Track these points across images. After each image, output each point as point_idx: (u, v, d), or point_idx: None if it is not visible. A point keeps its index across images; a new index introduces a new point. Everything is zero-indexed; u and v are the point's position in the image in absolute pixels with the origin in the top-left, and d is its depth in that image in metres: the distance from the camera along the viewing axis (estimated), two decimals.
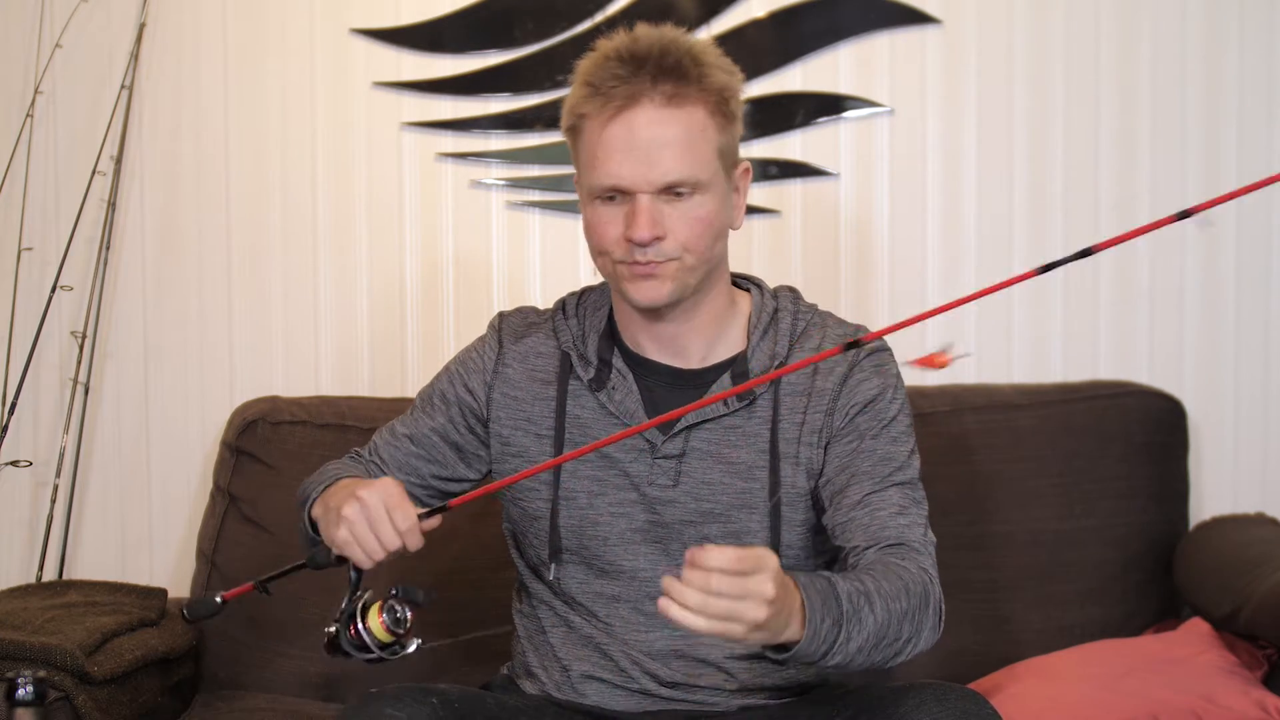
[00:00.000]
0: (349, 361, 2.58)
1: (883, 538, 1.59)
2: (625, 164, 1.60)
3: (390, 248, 2.57)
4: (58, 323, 2.55)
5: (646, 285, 1.63)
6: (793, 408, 1.68)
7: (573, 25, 2.53)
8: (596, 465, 1.69)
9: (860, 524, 1.62)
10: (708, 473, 1.67)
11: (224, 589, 2.31)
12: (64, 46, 2.52)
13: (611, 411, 1.69)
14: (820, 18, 2.53)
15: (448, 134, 2.57)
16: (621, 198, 1.62)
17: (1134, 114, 2.53)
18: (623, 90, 1.59)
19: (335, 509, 1.56)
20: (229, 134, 2.58)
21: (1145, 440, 2.33)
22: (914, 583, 1.53)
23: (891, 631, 1.49)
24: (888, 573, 1.53)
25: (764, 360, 1.70)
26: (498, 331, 1.80)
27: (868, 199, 2.54)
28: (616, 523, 1.69)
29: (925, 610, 1.54)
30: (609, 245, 1.63)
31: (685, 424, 1.67)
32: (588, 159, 1.63)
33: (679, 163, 1.60)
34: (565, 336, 1.75)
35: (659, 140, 1.59)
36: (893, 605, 1.49)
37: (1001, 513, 2.29)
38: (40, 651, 1.91)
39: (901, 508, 1.63)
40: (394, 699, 1.54)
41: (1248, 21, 2.53)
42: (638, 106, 1.59)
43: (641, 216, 1.60)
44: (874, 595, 1.48)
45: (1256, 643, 2.10)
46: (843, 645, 1.45)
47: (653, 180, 1.60)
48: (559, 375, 1.73)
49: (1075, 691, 1.99)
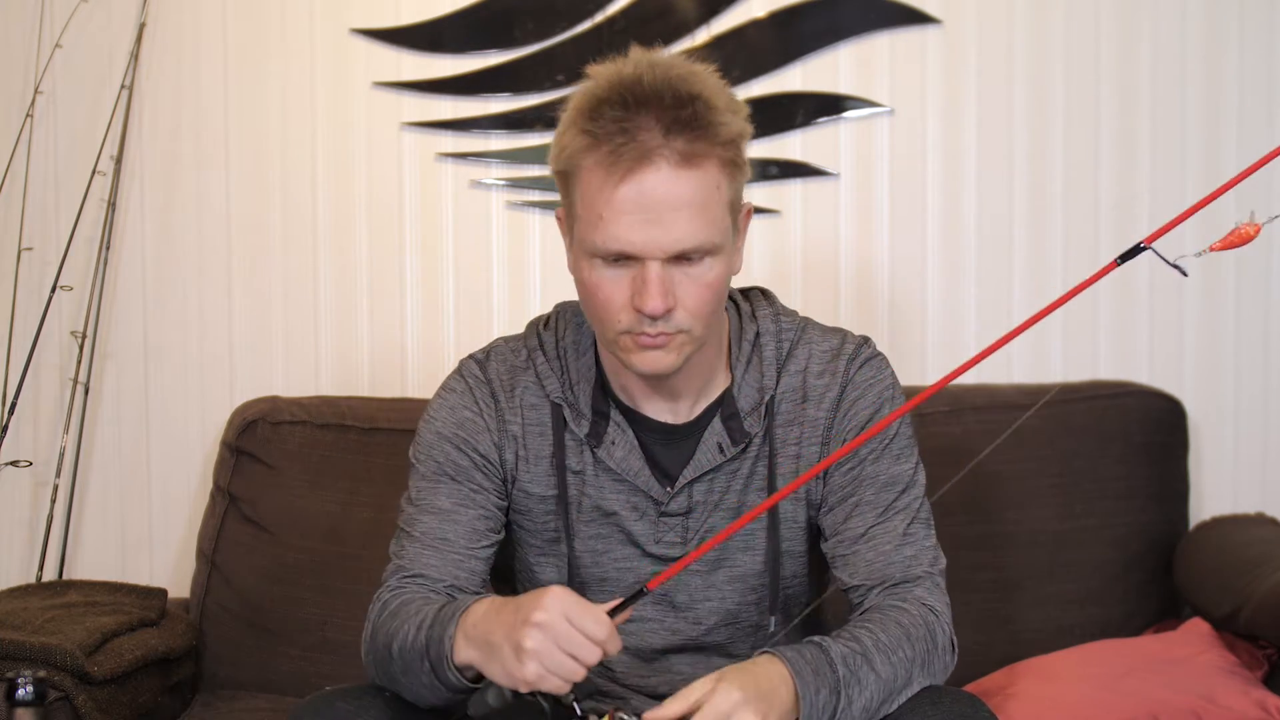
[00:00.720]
0: (349, 361, 2.58)
1: (887, 575, 1.56)
2: (635, 228, 1.46)
3: (390, 248, 2.57)
4: (58, 323, 2.55)
5: (652, 356, 1.51)
6: (785, 440, 1.62)
7: (573, 25, 2.53)
8: (599, 523, 1.63)
9: (864, 560, 1.58)
10: (716, 525, 1.61)
11: (224, 589, 2.32)
12: (64, 46, 2.52)
13: (611, 468, 1.61)
14: (820, 18, 2.53)
15: (448, 134, 2.57)
16: (627, 261, 1.48)
17: (1134, 114, 2.53)
18: (632, 150, 1.44)
19: (508, 644, 1.37)
20: (229, 134, 2.58)
21: (1145, 440, 2.33)
22: (915, 626, 1.51)
23: (899, 682, 1.48)
24: (885, 622, 1.50)
25: (752, 395, 1.62)
26: (487, 385, 1.65)
27: (868, 199, 2.54)
28: (624, 577, 1.63)
29: (934, 651, 1.52)
30: (613, 313, 1.50)
31: (686, 479, 1.61)
32: (588, 215, 1.49)
33: (693, 227, 1.46)
34: (552, 385, 1.63)
35: (672, 204, 1.46)
36: (894, 656, 1.47)
37: (1001, 513, 2.29)
38: (40, 651, 1.91)
39: (906, 536, 1.58)
40: (344, 694, 1.52)
41: (1248, 21, 2.53)
42: (649, 167, 1.45)
43: (653, 286, 1.46)
44: (872, 652, 1.46)
45: (1256, 643, 2.10)
46: (845, 710, 1.43)
47: (666, 248, 1.46)
48: (554, 427, 1.62)
49: (1075, 691, 1.99)
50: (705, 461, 1.61)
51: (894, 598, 1.55)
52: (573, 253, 1.55)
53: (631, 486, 1.61)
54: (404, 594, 1.57)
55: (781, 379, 1.63)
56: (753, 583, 1.64)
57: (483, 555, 1.62)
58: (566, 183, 1.53)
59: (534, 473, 1.63)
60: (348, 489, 2.32)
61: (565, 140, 1.51)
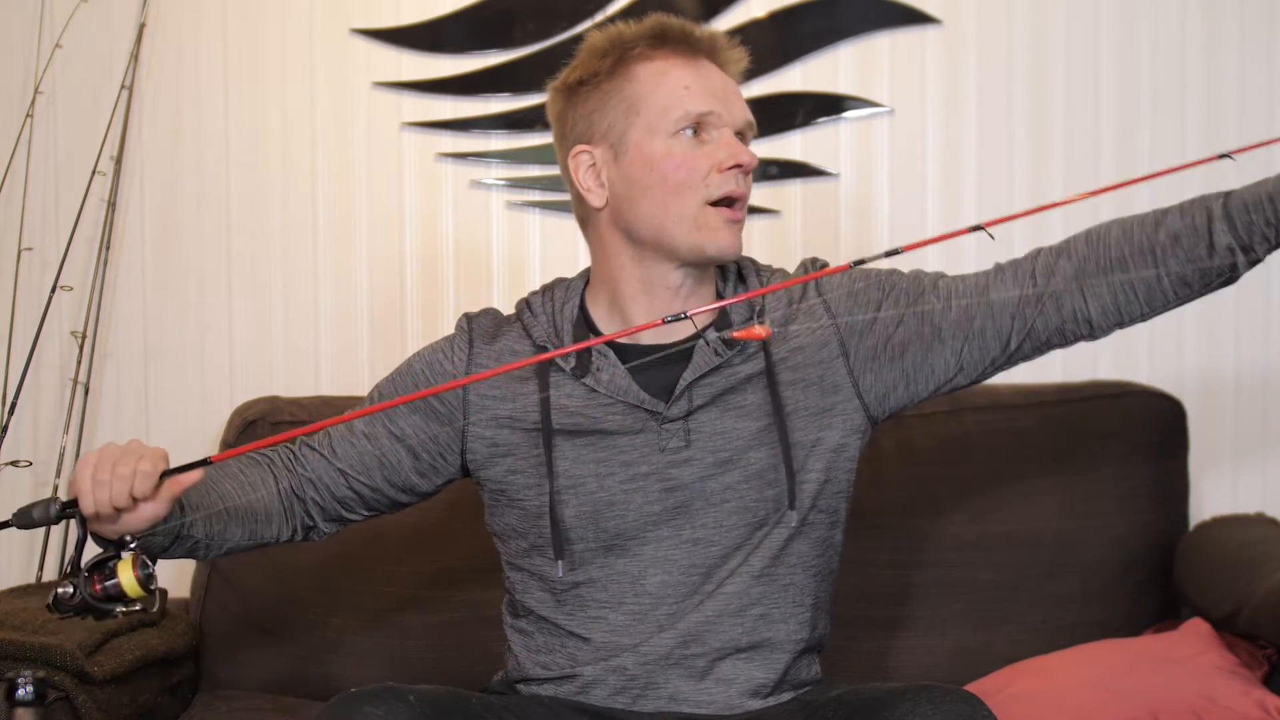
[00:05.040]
0: (349, 361, 2.58)
1: (1019, 267, 1.69)
2: (713, 95, 1.65)
3: (390, 248, 2.57)
4: (58, 323, 2.56)
5: (731, 231, 1.66)
6: (782, 337, 1.70)
7: (573, 25, 2.54)
8: (597, 448, 1.67)
9: (1001, 283, 1.68)
10: (718, 422, 1.67)
11: (224, 589, 2.32)
12: (64, 46, 2.52)
13: (601, 392, 1.68)
14: (820, 18, 2.53)
15: (448, 134, 2.57)
16: (701, 135, 1.65)
17: (1134, 114, 2.53)
18: (681, 41, 1.66)
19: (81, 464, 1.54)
20: (229, 134, 2.58)
21: (1145, 440, 2.33)
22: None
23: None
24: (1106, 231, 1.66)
25: (743, 311, 1.71)
26: (468, 334, 1.76)
27: (868, 199, 2.54)
28: (632, 498, 1.67)
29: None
30: (700, 178, 1.64)
31: (685, 384, 1.67)
32: (667, 91, 1.65)
33: (746, 109, 1.69)
34: (538, 333, 1.73)
35: (730, 87, 1.68)
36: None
37: (1001, 513, 2.29)
38: (40, 651, 1.91)
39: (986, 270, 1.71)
40: (371, 697, 1.52)
41: (1248, 21, 2.53)
42: (700, 58, 1.67)
43: (741, 143, 1.66)
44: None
45: (1256, 643, 2.10)
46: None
47: (738, 114, 1.67)
48: (538, 369, 1.70)
49: (1075, 691, 1.99)
50: (703, 364, 1.67)
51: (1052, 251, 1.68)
52: (628, 156, 1.66)
53: (627, 406, 1.67)
54: (260, 460, 1.74)
55: (767, 296, 1.73)
56: (769, 477, 1.67)
57: (378, 475, 1.74)
58: (618, 85, 1.66)
59: (513, 409, 1.71)
60: None
61: (601, 46, 1.68)
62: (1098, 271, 1.63)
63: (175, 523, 1.60)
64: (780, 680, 1.69)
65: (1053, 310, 1.66)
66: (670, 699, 1.67)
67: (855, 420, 1.72)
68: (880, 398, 1.72)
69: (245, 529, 1.71)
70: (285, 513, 1.74)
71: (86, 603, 1.50)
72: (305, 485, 1.74)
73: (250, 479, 1.72)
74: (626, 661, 1.67)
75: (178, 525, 1.61)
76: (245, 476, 1.72)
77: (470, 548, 2.23)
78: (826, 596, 1.76)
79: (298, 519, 1.76)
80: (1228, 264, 1.60)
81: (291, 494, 1.74)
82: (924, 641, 2.25)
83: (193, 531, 1.64)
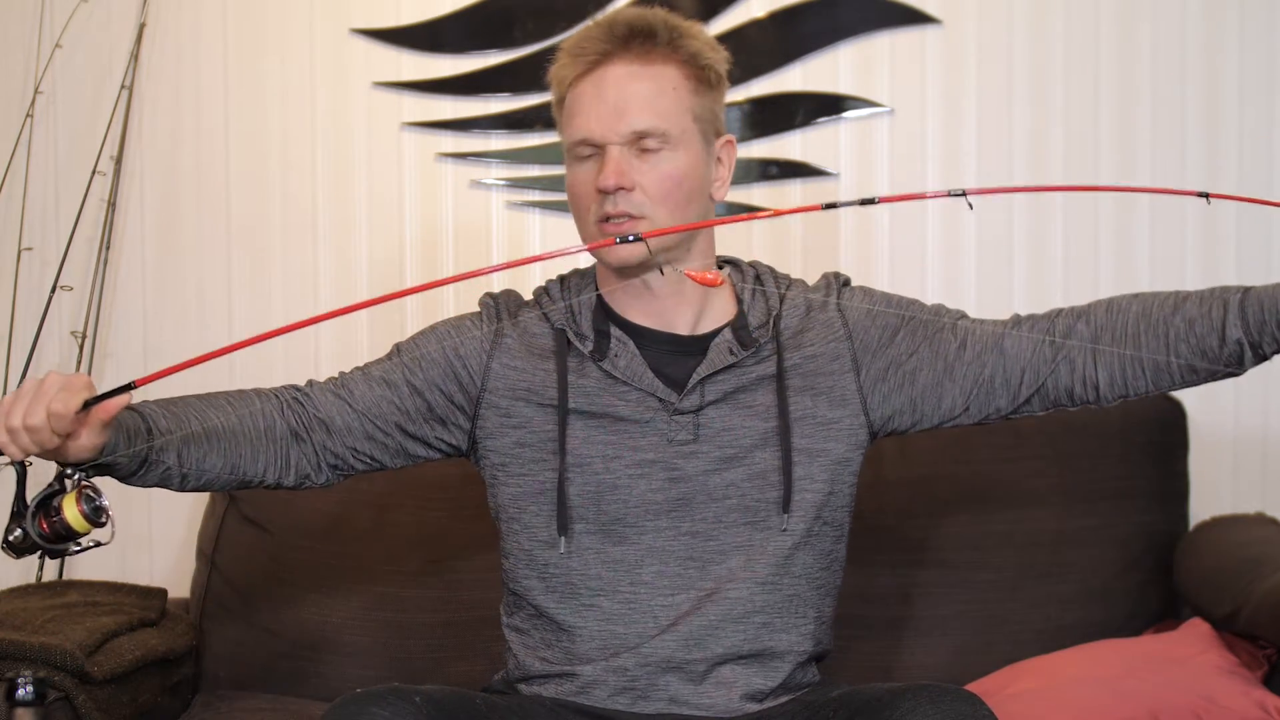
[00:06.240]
0: (349, 361, 2.56)
1: (1035, 321, 1.71)
2: (593, 116, 1.64)
3: (390, 248, 2.57)
4: (58, 323, 2.55)
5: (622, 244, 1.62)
6: (796, 345, 1.72)
7: (572, 25, 2.53)
8: (609, 430, 1.69)
9: (1014, 343, 1.69)
10: (726, 419, 1.68)
11: (224, 589, 2.32)
12: (64, 46, 2.52)
13: (617, 377, 1.69)
14: (820, 18, 2.53)
15: (448, 134, 2.57)
16: (596, 154, 1.65)
17: (1134, 114, 2.53)
18: (596, 48, 1.66)
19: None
20: (229, 134, 2.58)
21: (1145, 440, 2.33)
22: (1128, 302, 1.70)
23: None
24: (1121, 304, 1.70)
25: (760, 316, 1.73)
26: (494, 309, 1.78)
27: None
28: (636, 484, 1.68)
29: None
30: (585, 203, 1.66)
31: (698, 379, 1.69)
32: (565, 120, 1.68)
33: (645, 113, 1.63)
34: (556, 316, 1.74)
35: (627, 93, 1.64)
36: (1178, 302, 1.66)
37: (1001, 513, 2.29)
38: (40, 651, 1.90)
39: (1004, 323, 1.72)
40: (378, 698, 1.52)
41: (1248, 21, 2.53)
42: (609, 64, 1.65)
43: (609, 165, 1.63)
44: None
45: (1256, 643, 2.10)
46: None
47: (620, 131, 1.63)
48: (556, 351, 1.72)
49: (1075, 691, 1.99)
50: (717, 361, 1.69)
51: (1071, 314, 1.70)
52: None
53: (641, 393, 1.69)
54: (264, 395, 1.73)
55: (784, 305, 1.75)
56: (772, 479, 1.68)
57: (392, 419, 1.74)
58: (559, 109, 1.71)
59: (532, 383, 1.72)
60: (348, 489, 2.30)
61: (553, 69, 1.71)
62: (1111, 342, 1.67)
63: (142, 446, 1.57)
64: (779, 687, 1.70)
65: (1065, 371, 1.69)
66: (670, 701, 1.67)
67: (860, 436, 1.74)
68: (885, 419, 1.74)
69: (226, 460, 1.68)
70: (279, 453, 1.71)
71: (36, 543, 1.48)
72: (315, 426, 1.72)
73: (240, 410, 1.69)
74: (627, 662, 1.67)
75: (144, 449, 1.58)
76: (233, 406, 1.70)
77: (470, 548, 2.23)
78: (830, 611, 1.76)
79: (294, 462, 1.72)
80: (1235, 357, 1.63)
81: (292, 434, 1.71)
82: (924, 641, 2.25)
83: (164, 457, 1.62)
